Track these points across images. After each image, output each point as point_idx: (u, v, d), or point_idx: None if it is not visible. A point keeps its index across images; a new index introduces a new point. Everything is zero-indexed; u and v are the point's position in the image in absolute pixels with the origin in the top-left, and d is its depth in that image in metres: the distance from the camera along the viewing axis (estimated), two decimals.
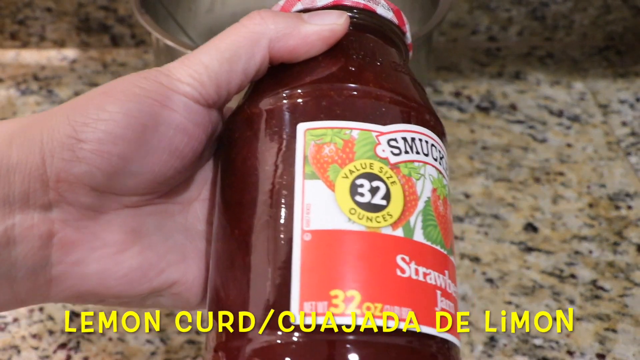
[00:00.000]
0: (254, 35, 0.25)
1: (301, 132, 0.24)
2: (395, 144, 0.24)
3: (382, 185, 0.23)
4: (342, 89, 0.25)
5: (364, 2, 0.27)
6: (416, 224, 0.23)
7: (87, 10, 0.70)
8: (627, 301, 0.47)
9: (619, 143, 0.61)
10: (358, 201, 0.23)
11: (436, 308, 0.24)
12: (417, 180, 0.24)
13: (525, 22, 0.72)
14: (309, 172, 0.23)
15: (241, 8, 0.60)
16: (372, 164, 0.24)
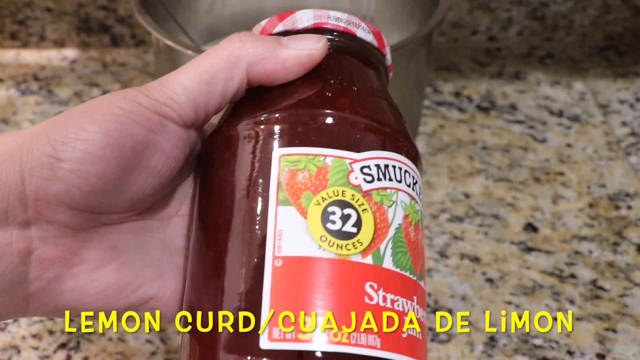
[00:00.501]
0: (233, 58, 0.26)
1: (276, 157, 0.24)
2: (368, 171, 0.24)
3: (353, 213, 0.24)
4: (318, 115, 0.25)
5: (344, 25, 0.28)
6: (386, 251, 0.24)
7: (87, 10, 0.70)
8: (627, 301, 0.47)
9: (619, 143, 0.61)
10: (329, 229, 0.23)
11: (403, 334, 0.24)
12: (388, 208, 0.24)
13: (525, 22, 0.72)
14: (282, 198, 0.24)
15: (241, 8, 0.60)
16: (345, 191, 0.24)
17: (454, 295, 0.47)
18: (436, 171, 0.57)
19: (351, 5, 0.60)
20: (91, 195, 0.24)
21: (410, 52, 0.47)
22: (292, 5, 0.61)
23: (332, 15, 0.27)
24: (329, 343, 0.22)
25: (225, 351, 0.23)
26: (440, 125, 0.62)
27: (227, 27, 0.60)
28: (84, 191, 0.24)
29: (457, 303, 0.46)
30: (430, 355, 0.43)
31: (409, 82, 0.49)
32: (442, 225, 0.52)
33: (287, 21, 0.28)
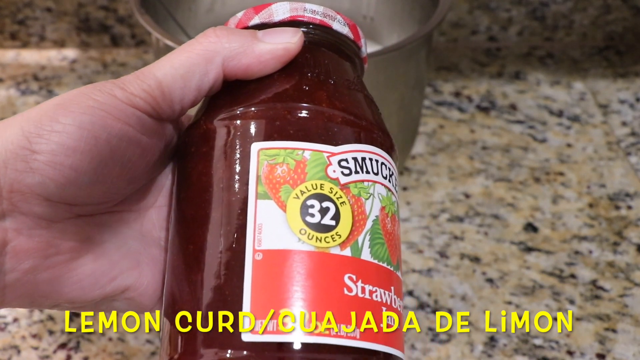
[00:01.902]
0: (208, 53, 0.26)
1: (255, 151, 0.25)
2: (345, 164, 0.25)
3: (332, 206, 0.24)
4: (295, 108, 0.25)
5: (320, 17, 0.28)
6: (364, 243, 0.24)
7: (87, 10, 0.70)
8: (627, 301, 0.47)
9: (619, 143, 0.61)
10: (308, 222, 0.24)
11: (381, 324, 0.24)
12: (366, 200, 0.25)
13: (525, 22, 0.72)
14: (261, 192, 0.24)
15: (241, 8, 0.60)
16: (323, 184, 0.24)
17: (454, 295, 0.47)
18: (436, 171, 0.57)
19: (351, 5, 0.60)
20: (66, 187, 0.24)
21: (410, 52, 0.47)
22: None
23: (308, 8, 0.27)
24: (308, 335, 0.23)
25: (205, 345, 0.23)
26: (440, 125, 0.62)
27: None
28: (59, 183, 0.24)
29: (457, 303, 0.46)
30: (430, 355, 0.43)
31: (409, 82, 0.49)
32: (442, 225, 0.52)
33: (263, 14, 0.28)
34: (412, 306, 0.46)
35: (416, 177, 0.57)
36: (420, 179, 0.57)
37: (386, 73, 0.46)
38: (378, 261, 0.25)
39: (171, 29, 0.53)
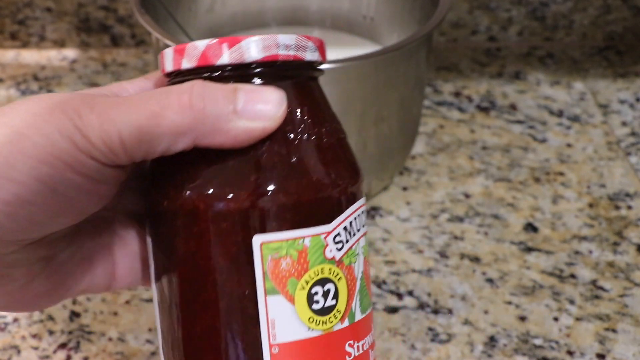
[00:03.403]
0: (179, 128, 0.23)
1: (257, 245, 0.24)
2: (339, 239, 0.25)
3: (332, 286, 0.25)
4: (290, 192, 0.25)
5: (293, 52, 0.26)
6: (356, 306, 0.26)
7: (87, 10, 0.70)
8: (627, 301, 0.47)
9: (619, 143, 0.61)
10: (315, 309, 0.25)
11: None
12: (354, 264, 0.26)
13: (525, 22, 0.72)
14: (269, 287, 0.24)
15: (241, 8, 0.60)
16: (323, 268, 0.25)
17: (454, 295, 0.47)
18: (436, 171, 0.57)
19: (351, 5, 0.60)
20: (18, 233, 0.24)
21: (410, 52, 0.47)
22: (292, 5, 0.61)
23: (282, 43, 0.25)
24: None
25: None
26: (440, 125, 0.62)
27: (227, 27, 0.60)
28: (11, 229, 0.23)
29: (457, 303, 0.46)
30: (430, 355, 0.43)
31: (409, 82, 0.49)
32: (442, 225, 0.52)
33: (233, 53, 0.25)
34: (412, 306, 0.46)
35: (416, 177, 0.57)
36: (420, 179, 0.57)
37: (386, 73, 0.46)
38: (365, 313, 0.26)
39: (171, 29, 0.53)
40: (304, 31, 0.61)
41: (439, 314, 0.46)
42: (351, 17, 0.60)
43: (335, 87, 0.45)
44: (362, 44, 0.60)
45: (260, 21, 0.61)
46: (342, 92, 0.46)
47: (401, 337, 0.44)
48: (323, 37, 0.64)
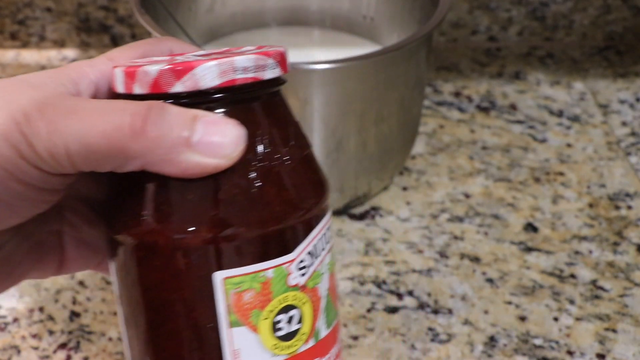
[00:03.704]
0: (129, 153, 0.22)
1: (219, 281, 0.24)
2: (303, 264, 0.25)
3: (296, 312, 0.25)
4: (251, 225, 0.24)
5: (252, 74, 0.24)
6: (322, 324, 0.26)
7: (87, 10, 0.70)
8: (627, 301, 0.47)
9: (619, 143, 0.61)
10: (279, 335, 0.24)
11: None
12: (319, 284, 0.25)
13: (525, 22, 0.72)
14: (233, 320, 0.24)
15: (241, 8, 0.60)
16: (287, 296, 0.24)
17: (454, 295, 0.47)
18: (436, 171, 0.57)
19: (351, 5, 0.60)
20: None
21: (410, 52, 0.47)
22: (292, 5, 0.61)
23: (239, 66, 0.24)
24: None
25: None
26: (440, 125, 0.62)
27: (227, 27, 0.60)
28: None
29: (457, 303, 0.46)
30: (430, 355, 0.43)
31: (409, 82, 0.49)
32: (442, 225, 0.52)
33: (186, 81, 0.23)
34: (412, 306, 0.46)
35: (416, 177, 0.57)
36: (420, 179, 0.56)
37: (386, 73, 0.46)
38: (331, 327, 0.26)
39: (171, 29, 0.53)
40: (304, 31, 0.61)
41: (439, 314, 0.46)
42: (351, 17, 0.60)
43: (335, 87, 0.45)
44: (362, 44, 0.60)
45: (260, 21, 0.61)
46: (342, 92, 0.46)
47: (401, 337, 0.44)
48: (323, 37, 0.64)
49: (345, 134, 0.47)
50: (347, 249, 0.50)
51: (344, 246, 0.50)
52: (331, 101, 0.46)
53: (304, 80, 0.44)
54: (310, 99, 0.45)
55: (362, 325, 0.45)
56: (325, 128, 0.47)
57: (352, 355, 0.43)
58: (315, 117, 0.46)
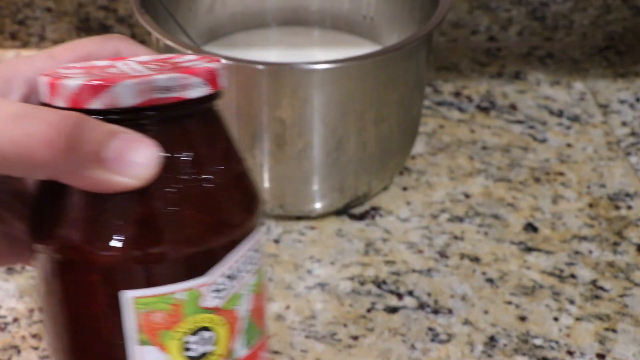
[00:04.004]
0: (40, 163, 0.22)
1: (128, 300, 0.24)
2: (219, 287, 0.24)
3: (210, 334, 0.24)
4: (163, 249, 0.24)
5: (174, 95, 0.23)
6: (240, 345, 0.25)
7: (87, 10, 0.70)
8: (627, 301, 0.47)
9: (619, 143, 0.61)
10: (189, 356, 0.24)
11: None
12: (238, 306, 0.25)
13: (525, 22, 0.72)
14: (142, 339, 0.24)
15: (241, 8, 0.60)
16: (199, 318, 0.24)
17: (454, 295, 0.47)
18: (436, 171, 0.57)
19: (350, 5, 0.60)
20: None
21: (410, 52, 0.47)
22: (292, 5, 0.61)
23: (160, 85, 0.23)
24: None
25: None
26: (440, 125, 0.62)
27: (227, 27, 0.60)
28: None
29: (457, 303, 0.46)
30: (430, 355, 0.43)
31: (409, 82, 0.49)
32: (442, 225, 0.52)
33: (104, 97, 0.23)
34: (412, 306, 0.46)
35: (416, 177, 0.57)
36: (420, 179, 0.56)
37: (386, 73, 0.46)
38: (252, 348, 0.26)
39: (171, 29, 0.53)
40: (304, 31, 0.61)
41: (439, 314, 0.46)
42: (351, 17, 0.60)
43: (335, 87, 0.45)
44: (362, 44, 0.60)
45: (260, 21, 0.61)
46: (342, 92, 0.46)
47: (401, 337, 0.44)
48: (323, 37, 0.64)
49: (345, 134, 0.47)
50: (347, 249, 0.50)
51: (344, 246, 0.50)
52: (331, 101, 0.46)
53: (304, 80, 0.44)
54: (310, 99, 0.45)
55: (362, 325, 0.45)
56: (325, 128, 0.47)
57: (352, 355, 0.43)
58: (315, 117, 0.46)
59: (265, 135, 0.46)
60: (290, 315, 0.45)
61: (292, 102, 0.45)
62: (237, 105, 0.45)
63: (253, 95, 0.45)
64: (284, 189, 0.49)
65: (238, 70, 0.44)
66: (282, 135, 0.46)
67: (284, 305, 0.46)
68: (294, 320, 0.45)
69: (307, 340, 0.44)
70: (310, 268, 0.49)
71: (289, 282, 0.48)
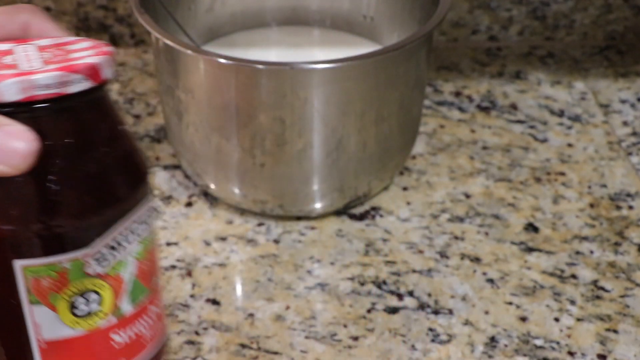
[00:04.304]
0: None
1: (18, 268, 0.28)
2: (102, 257, 0.29)
3: (95, 296, 0.29)
4: (49, 223, 0.27)
5: (55, 90, 0.27)
6: (125, 304, 0.30)
7: (86, 10, 0.69)
8: (628, 302, 0.47)
9: (620, 143, 0.61)
10: (77, 314, 0.29)
11: (146, 344, 0.32)
12: (122, 271, 0.30)
13: (526, 22, 0.72)
14: (33, 300, 0.28)
15: (241, 7, 0.60)
16: (84, 283, 0.29)
17: (455, 295, 0.47)
18: (436, 171, 0.57)
19: (350, 5, 0.60)
20: None
21: (411, 52, 0.47)
22: (291, 4, 0.61)
23: (41, 84, 0.26)
24: None
25: None
26: (441, 125, 0.62)
27: (227, 26, 0.60)
28: None
29: (457, 303, 0.46)
30: (431, 355, 0.43)
31: (409, 82, 0.49)
32: (442, 225, 0.52)
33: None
34: (412, 307, 0.46)
35: (416, 177, 0.56)
36: (421, 179, 0.56)
37: (386, 73, 0.46)
38: (138, 305, 0.31)
39: (171, 29, 0.53)
40: (304, 31, 0.61)
41: (439, 315, 0.45)
42: (351, 16, 0.60)
43: (335, 87, 0.45)
44: (362, 44, 0.59)
45: (260, 21, 0.61)
46: (342, 92, 0.45)
47: (401, 337, 0.44)
48: (323, 36, 0.64)
49: (345, 133, 0.47)
50: (347, 249, 0.50)
51: (344, 246, 0.50)
52: (331, 101, 0.46)
53: (304, 79, 0.44)
54: (310, 98, 0.45)
55: (362, 325, 0.45)
56: (325, 128, 0.46)
57: (352, 356, 0.43)
58: (315, 117, 0.46)
59: (266, 135, 0.46)
60: (290, 315, 0.45)
61: (292, 102, 0.45)
62: (237, 105, 0.45)
63: (253, 95, 0.45)
64: (284, 189, 0.49)
65: (238, 70, 0.44)
66: (282, 135, 0.46)
67: (283, 305, 0.46)
68: (293, 320, 0.45)
69: (307, 341, 0.44)
70: (310, 268, 0.49)
71: (289, 282, 0.48)
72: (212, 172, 0.50)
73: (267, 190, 0.49)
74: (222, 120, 0.47)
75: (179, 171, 0.57)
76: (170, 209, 0.53)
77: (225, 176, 0.50)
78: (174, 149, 0.54)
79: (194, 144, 0.49)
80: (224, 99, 0.45)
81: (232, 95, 0.45)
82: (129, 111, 0.63)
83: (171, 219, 0.52)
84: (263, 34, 0.61)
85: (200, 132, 0.48)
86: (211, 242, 0.50)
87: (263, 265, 0.49)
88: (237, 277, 0.48)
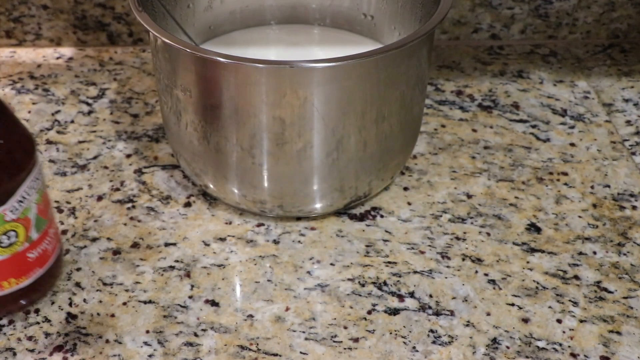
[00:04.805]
0: None
1: None
2: (14, 208, 0.41)
3: (13, 233, 0.41)
4: None
5: None
6: (33, 232, 0.43)
7: (84, 8, 0.69)
8: (632, 303, 0.46)
9: (624, 142, 0.60)
10: (3, 246, 0.41)
11: (46, 260, 0.45)
12: (29, 214, 0.42)
13: (528, 20, 0.72)
14: None
15: (240, 6, 0.60)
16: (5, 226, 0.41)
17: (456, 296, 0.46)
18: (438, 171, 0.57)
19: (351, 4, 0.60)
20: None
21: (412, 51, 0.47)
22: (291, 3, 0.61)
23: None
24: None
25: None
26: (442, 125, 0.62)
27: (226, 25, 0.60)
28: None
29: (459, 305, 0.46)
30: (432, 357, 0.43)
31: (410, 81, 0.48)
32: (443, 225, 0.52)
33: None
34: (413, 308, 0.46)
35: (417, 177, 0.56)
36: (422, 179, 0.56)
37: (387, 72, 0.46)
38: (41, 230, 0.43)
39: (169, 27, 0.53)
40: (304, 29, 0.61)
41: (440, 316, 0.45)
42: (351, 15, 0.60)
43: (335, 86, 0.45)
44: (362, 42, 0.59)
45: (260, 19, 0.61)
46: (343, 90, 0.45)
47: (402, 339, 0.44)
48: (323, 35, 0.64)
49: (345, 133, 0.47)
50: (347, 249, 0.50)
51: (345, 247, 0.50)
52: (331, 100, 0.45)
53: (304, 78, 0.44)
54: (310, 97, 0.44)
55: (362, 327, 0.44)
56: (325, 127, 0.46)
57: (352, 357, 0.42)
58: (315, 116, 0.45)
59: (265, 135, 0.46)
60: (289, 317, 0.45)
61: (291, 101, 0.44)
62: (236, 105, 0.45)
63: (252, 94, 0.44)
64: (284, 189, 0.49)
65: (237, 69, 0.44)
66: (282, 135, 0.46)
67: (283, 306, 0.45)
68: (293, 322, 0.45)
69: (307, 342, 0.43)
70: (310, 269, 0.48)
71: (289, 283, 0.47)
72: (211, 172, 0.50)
73: (266, 191, 0.49)
74: (221, 119, 0.46)
75: (177, 171, 0.56)
76: (168, 209, 0.53)
77: (224, 176, 0.49)
78: (173, 149, 0.53)
79: (193, 143, 0.49)
80: (223, 98, 0.45)
81: (231, 94, 0.45)
82: (127, 110, 0.63)
83: (169, 219, 0.52)
84: (262, 33, 0.60)
85: (199, 132, 0.48)
86: (210, 243, 0.50)
87: (262, 266, 0.48)
88: (237, 278, 0.47)
